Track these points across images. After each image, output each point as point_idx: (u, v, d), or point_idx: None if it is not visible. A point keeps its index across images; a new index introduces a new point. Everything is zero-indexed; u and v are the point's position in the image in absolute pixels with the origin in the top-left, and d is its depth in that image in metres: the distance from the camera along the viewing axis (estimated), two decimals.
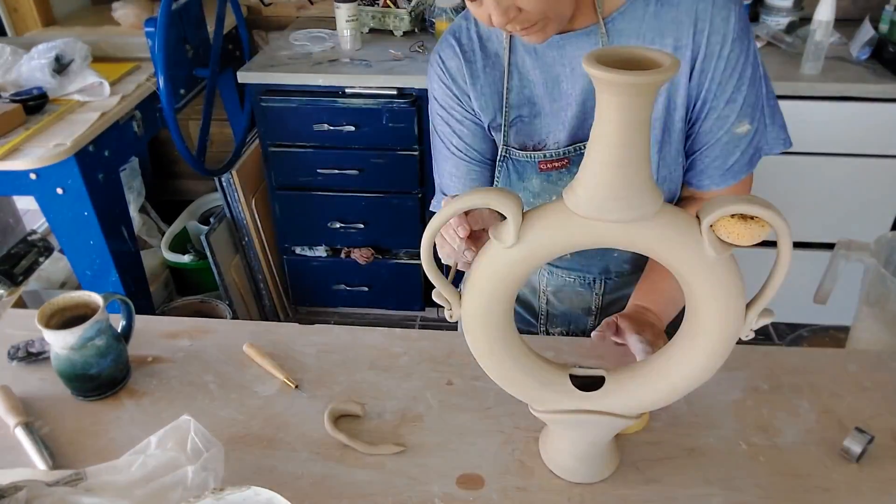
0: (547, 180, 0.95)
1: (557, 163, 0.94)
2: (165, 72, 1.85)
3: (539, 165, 0.94)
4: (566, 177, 0.95)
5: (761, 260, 1.22)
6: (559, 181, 0.95)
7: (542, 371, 0.75)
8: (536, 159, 0.94)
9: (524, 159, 0.95)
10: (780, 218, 0.60)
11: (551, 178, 0.95)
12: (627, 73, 0.55)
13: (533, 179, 0.96)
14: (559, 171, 0.94)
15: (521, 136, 0.95)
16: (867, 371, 0.97)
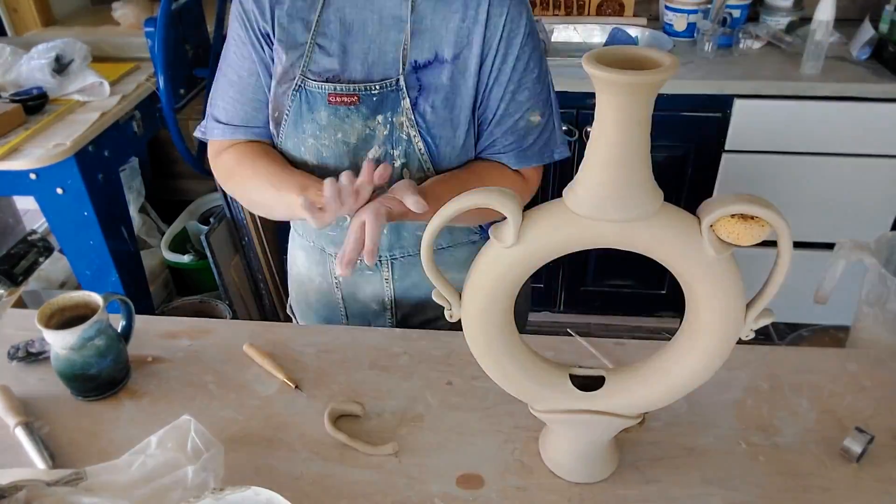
0: (335, 114, 0.98)
1: (347, 98, 0.97)
2: (165, 72, 1.85)
3: (328, 98, 0.98)
4: (354, 114, 0.98)
5: (761, 260, 1.22)
6: (346, 118, 0.98)
7: (542, 371, 0.75)
8: (326, 91, 0.97)
9: (316, 90, 0.98)
10: (780, 218, 0.60)
11: (339, 114, 0.98)
12: (627, 73, 0.55)
13: (321, 111, 0.98)
14: (347, 108, 0.98)
15: (318, 66, 0.99)
16: (867, 371, 0.97)
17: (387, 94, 0.97)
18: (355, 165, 0.99)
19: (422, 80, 0.98)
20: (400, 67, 0.97)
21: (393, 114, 0.98)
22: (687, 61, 2.08)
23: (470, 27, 0.96)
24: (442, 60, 0.97)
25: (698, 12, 2.20)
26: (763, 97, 1.97)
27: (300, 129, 1.00)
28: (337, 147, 1.00)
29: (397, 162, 1.00)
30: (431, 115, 0.98)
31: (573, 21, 2.44)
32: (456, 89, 0.98)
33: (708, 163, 2.10)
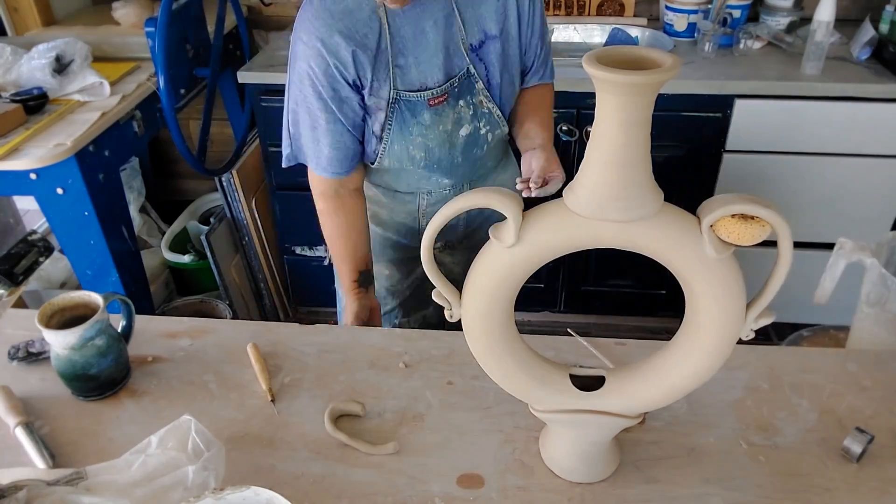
0: (435, 113, 1.15)
1: (441, 98, 1.15)
2: (166, 72, 1.85)
3: (428, 102, 1.14)
4: (447, 109, 1.16)
5: (761, 260, 1.22)
6: (443, 113, 1.16)
7: (542, 371, 0.75)
8: (426, 98, 1.14)
9: (415, 99, 1.14)
10: (780, 218, 0.60)
11: (438, 111, 1.15)
12: (627, 73, 0.55)
13: (424, 114, 1.15)
14: (442, 105, 1.16)
15: (406, 81, 1.13)
16: (867, 371, 0.97)
17: (463, 82, 1.15)
18: (452, 145, 1.20)
19: (483, 59, 1.15)
20: (465, 56, 1.14)
21: (472, 96, 1.17)
22: (687, 61, 2.08)
23: (504, 3, 1.13)
24: (491, 37, 1.14)
25: (699, 12, 2.20)
26: (763, 97, 1.96)
27: (407, 133, 1.17)
28: (439, 136, 1.18)
29: (482, 130, 1.21)
30: (500, 84, 1.18)
31: (573, 21, 2.44)
32: (508, 56, 1.17)
33: (708, 163, 2.10)
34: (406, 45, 1.10)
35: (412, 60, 1.11)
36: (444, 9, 1.09)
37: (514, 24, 1.15)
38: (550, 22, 2.41)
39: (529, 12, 1.16)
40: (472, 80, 1.15)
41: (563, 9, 2.48)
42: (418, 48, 1.11)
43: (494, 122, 1.21)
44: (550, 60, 1.28)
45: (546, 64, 1.26)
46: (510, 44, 1.16)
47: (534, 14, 1.17)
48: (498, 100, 1.19)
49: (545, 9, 2.44)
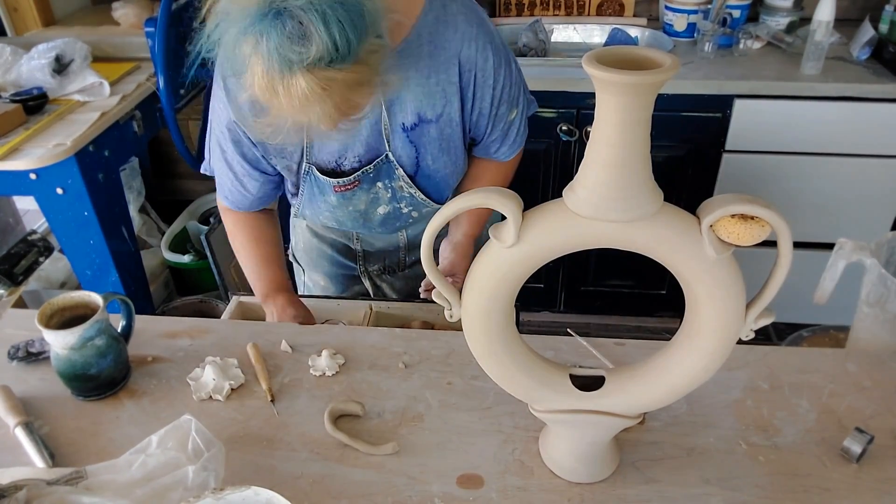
0: (343, 197, 1.12)
1: (349, 186, 1.10)
2: (165, 72, 1.85)
3: (334, 188, 1.11)
4: (358, 193, 1.12)
5: (761, 260, 1.22)
6: (353, 197, 1.13)
7: (542, 371, 0.75)
8: (332, 183, 1.10)
9: (322, 180, 1.10)
10: (780, 218, 0.60)
11: (346, 195, 1.12)
12: (627, 73, 0.55)
13: (331, 196, 1.12)
14: (352, 191, 1.12)
15: (319, 155, 1.08)
16: (867, 371, 0.97)
17: (380, 167, 1.09)
18: (369, 222, 1.18)
19: (415, 141, 1.07)
20: (386, 144, 1.06)
21: (390, 180, 1.11)
22: (687, 61, 2.08)
23: (445, 87, 1.03)
24: (427, 121, 1.05)
25: (698, 12, 2.20)
26: (763, 97, 1.96)
27: (315, 206, 1.15)
28: (351, 214, 1.16)
29: (404, 210, 1.17)
30: (434, 165, 1.11)
31: (573, 21, 2.44)
32: (447, 137, 1.09)
33: (708, 163, 2.10)
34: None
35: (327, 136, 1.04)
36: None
37: (456, 111, 1.05)
38: (550, 22, 2.41)
39: (476, 96, 1.05)
40: (391, 165, 1.08)
41: (563, 9, 2.48)
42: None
43: (419, 203, 1.15)
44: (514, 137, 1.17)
45: (503, 142, 1.15)
46: (452, 128, 1.07)
47: (483, 98, 1.06)
48: (427, 184, 1.13)
49: (545, 10, 2.46)
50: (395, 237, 1.29)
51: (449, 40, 0.99)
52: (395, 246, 1.31)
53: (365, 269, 1.35)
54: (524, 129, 1.19)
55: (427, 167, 1.10)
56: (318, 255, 1.36)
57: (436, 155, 1.09)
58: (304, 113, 0.80)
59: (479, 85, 1.04)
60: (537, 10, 2.48)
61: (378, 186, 1.11)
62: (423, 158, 1.09)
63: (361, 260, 1.34)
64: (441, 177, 1.13)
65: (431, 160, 1.09)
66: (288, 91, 0.77)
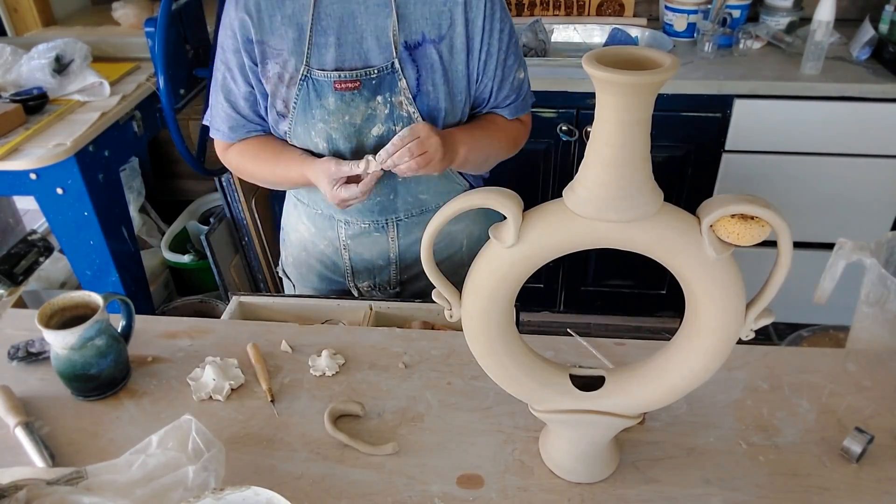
0: (341, 99, 1.08)
1: (350, 83, 1.07)
2: (165, 72, 1.85)
3: (334, 85, 1.07)
4: (357, 98, 1.08)
5: (761, 260, 1.22)
6: (351, 101, 1.08)
7: (542, 371, 0.75)
8: (332, 79, 1.07)
9: (322, 79, 1.07)
10: (780, 218, 0.60)
11: (345, 98, 1.08)
12: (627, 73, 0.55)
13: (329, 98, 1.08)
14: (352, 93, 1.07)
15: (320, 60, 1.07)
16: (867, 371, 0.97)
17: (384, 76, 1.07)
18: (361, 144, 1.11)
19: (417, 61, 1.07)
20: (393, 51, 1.05)
21: (391, 94, 1.08)
22: (687, 61, 2.09)
23: (451, 9, 1.05)
24: (430, 41, 1.06)
25: (698, 12, 2.20)
26: (763, 97, 1.97)
27: (309, 116, 1.09)
28: (344, 128, 1.10)
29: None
30: (434, 93, 1.09)
31: (573, 21, 2.44)
32: (449, 66, 1.08)
33: (708, 163, 2.10)
34: (330, 24, 1.05)
35: (332, 41, 1.05)
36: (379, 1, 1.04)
37: (460, 37, 1.06)
38: (550, 22, 2.41)
39: (485, 30, 1.06)
40: (395, 76, 1.06)
41: (562, 9, 2.48)
42: (342, 30, 1.05)
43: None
44: (525, 97, 1.17)
45: (516, 97, 1.15)
46: (453, 56, 1.07)
47: (492, 34, 1.07)
48: (425, 108, 1.09)
49: (545, 10, 2.46)
50: (386, 246, 1.24)
51: None
52: (386, 260, 1.26)
53: (354, 284, 1.31)
54: (531, 94, 1.21)
55: (427, 94, 1.08)
56: (307, 270, 1.34)
57: (437, 82, 1.08)
58: None
59: (488, 18, 1.07)
60: (537, 10, 2.48)
61: (377, 101, 1.07)
62: (423, 83, 1.07)
63: (350, 276, 1.30)
64: (440, 109, 1.10)
65: (432, 86, 1.08)
66: None
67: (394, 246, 1.24)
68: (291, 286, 1.42)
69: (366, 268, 1.28)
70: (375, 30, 1.05)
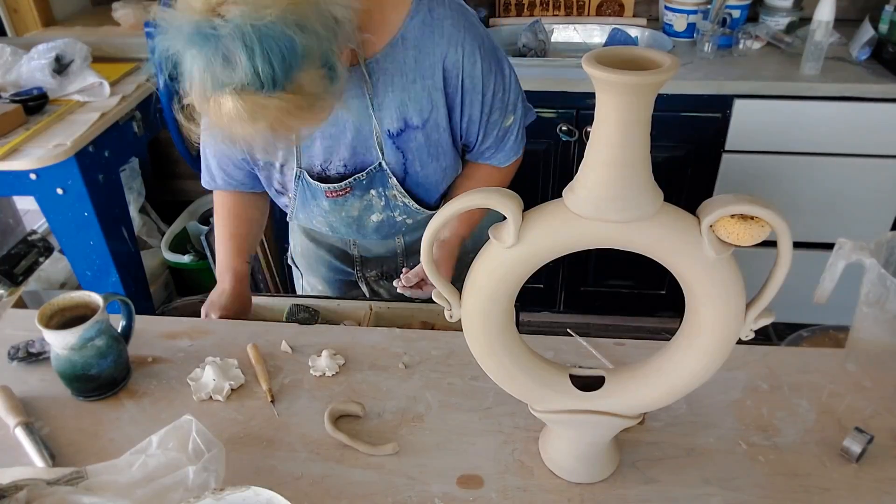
0: (335, 203, 1.12)
1: (341, 192, 1.10)
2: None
3: (325, 194, 1.10)
4: (351, 199, 1.11)
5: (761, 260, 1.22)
6: (345, 204, 1.12)
7: (542, 371, 0.75)
8: (322, 189, 1.10)
9: (314, 185, 1.10)
10: (780, 218, 0.60)
11: (338, 202, 1.12)
12: (627, 73, 0.55)
13: (323, 201, 1.12)
14: (345, 197, 1.11)
15: (310, 158, 1.08)
16: (867, 371, 0.97)
17: (373, 175, 1.08)
18: (363, 227, 1.17)
19: (402, 147, 1.06)
20: (379, 153, 1.06)
21: (384, 188, 1.10)
22: (687, 62, 2.09)
23: (431, 92, 1.02)
24: (413, 126, 1.04)
25: (698, 13, 2.20)
26: (763, 97, 1.97)
27: (309, 210, 1.14)
28: (344, 220, 1.15)
29: (398, 218, 1.16)
30: (422, 171, 1.10)
31: (573, 21, 2.44)
32: (434, 143, 1.08)
33: (708, 163, 2.10)
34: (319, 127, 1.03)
35: (317, 135, 1.05)
36: (357, 89, 1.00)
37: (443, 116, 1.05)
38: (550, 22, 2.42)
39: (466, 104, 1.05)
40: (384, 173, 1.07)
41: (562, 9, 2.48)
42: (329, 127, 1.04)
43: (413, 211, 1.14)
44: (511, 144, 1.16)
45: (498, 149, 1.15)
46: (439, 134, 1.07)
47: (472, 104, 1.05)
48: (415, 189, 1.12)
49: (544, 10, 2.46)
50: (393, 243, 1.28)
51: (435, 45, 0.99)
52: (393, 252, 1.30)
53: (362, 274, 1.34)
54: (522, 138, 1.17)
55: (416, 174, 1.09)
56: (316, 260, 1.36)
57: (424, 161, 1.08)
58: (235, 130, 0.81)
59: (468, 90, 1.04)
60: (537, 11, 2.48)
61: (371, 194, 1.10)
62: (410, 165, 1.08)
63: (359, 265, 1.33)
64: (431, 183, 1.12)
65: (420, 166, 1.09)
66: (218, 108, 0.79)
67: (400, 242, 1.28)
68: (299, 274, 1.43)
69: (374, 257, 1.32)
70: (357, 124, 1.03)
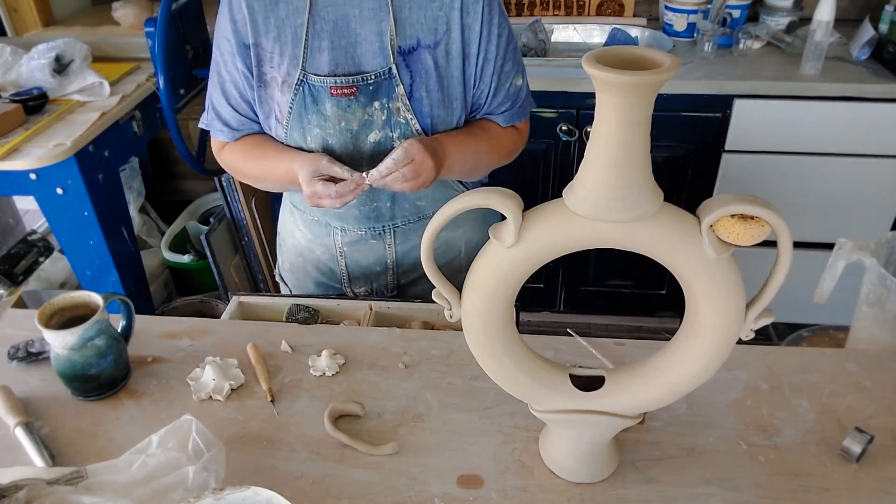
0: (337, 105, 1.06)
1: (346, 89, 1.05)
2: (165, 72, 1.85)
3: (331, 90, 1.05)
4: (354, 104, 1.06)
5: (761, 260, 1.21)
6: (348, 107, 1.06)
7: (542, 371, 0.75)
8: (328, 84, 1.05)
9: (318, 84, 1.05)
10: (780, 218, 0.60)
11: (341, 105, 1.06)
12: (627, 73, 0.55)
13: (325, 104, 1.06)
14: (348, 99, 1.06)
15: (315, 64, 1.05)
16: (867, 371, 0.97)
17: (381, 82, 1.05)
18: (358, 150, 1.09)
19: (411, 67, 1.05)
20: (390, 56, 1.04)
21: (389, 100, 1.06)
22: (687, 61, 2.09)
23: (447, 14, 1.03)
24: (424, 46, 1.04)
25: (698, 12, 2.21)
26: (763, 97, 1.97)
27: (305, 121, 1.08)
28: (341, 135, 1.08)
29: (396, 141, 1.08)
30: (427, 99, 1.07)
31: (573, 21, 2.45)
32: (444, 72, 1.07)
33: (708, 163, 2.10)
34: (324, 27, 1.03)
35: (326, 44, 1.04)
36: (375, 6, 1.02)
37: (456, 42, 1.04)
38: (550, 22, 2.42)
39: (483, 35, 1.05)
40: (392, 82, 1.04)
41: (562, 9, 2.48)
42: (336, 34, 1.03)
43: (412, 134, 1.08)
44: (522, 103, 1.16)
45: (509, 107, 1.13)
46: (448, 62, 1.06)
47: (489, 39, 1.06)
48: (424, 115, 1.07)
49: (545, 10, 2.46)
50: (383, 253, 1.23)
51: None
52: (384, 265, 1.25)
53: (352, 290, 1.30)
54: (530, 101, 1.18)
55: (420, 99, 1.06)
56: (304, 276, 1.33)
57: (430, 88, 1.06)
58: None
59: (486, 23, 1.05)
60: (537, 10, 2.48)
61: (374, 107, 1.06)
62: (417, 88, 1.06)
63: (346, 281, 1.29)
64: (432, 117, 1.08)
65: (425, 92, 1.06)
66: None
67: (391, 252, 1.23)
68: (288, 290, 1.41)
69: (363, 274, 1.27)
70: (370, 34, 1.03)
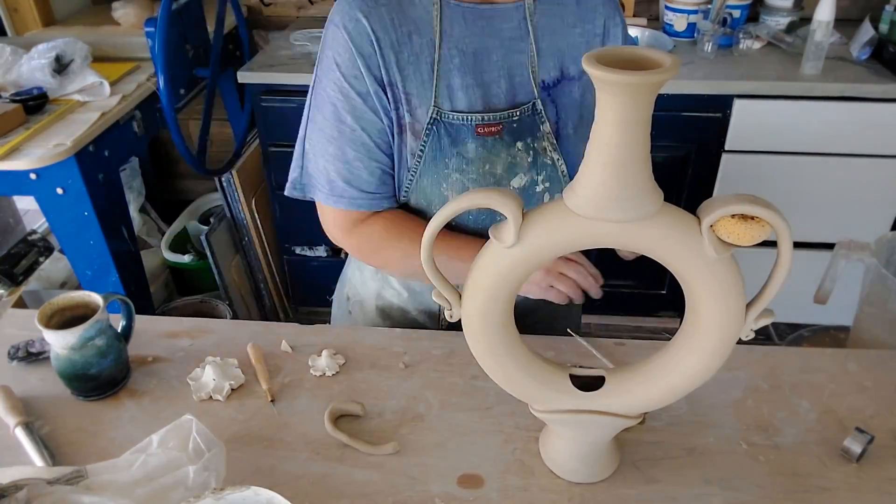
0: (482, 146, 0.94)
1: (493, 127, 0.93)
2: (165, 72, 1.85)
3: (476, 129, 0.93)
4: (499, 144, 0.94)
5: (761, 260, 1.21)
6: (493, 148, 0.94)
7: (542, 371, 0.75)
8: (474, 122, 0.93)
9: (459, 122, 0.93)
10: (780, 218, 0.60)
11: (486, 145, 0.94)
12: (627, 73, 0.55)
13: (468, 144, 0.94)
14: (494, 138, 0.94)
15: (452, 101, 0.93)
16: (867, 371, 0.97)
17: (525, 119, 0.95)
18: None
19: (556, 101, 0.96)
20: (534, 90, 0.95)
21: (533, 139, 0.96)
22: (687, 61, 2.08)
23: (590, 40, 0.97)
24: (569, 77, 0.96)
25: (698, 12, 2.20)
26: (763, 97, 1.97)
27: (442, 166, 0.95)
28: (484, 179, 0.96)
29: (540, 187, 0.98)
30: (574, 136, 0.98)
31: None
32: (588, 108, 0.97)
33: (708, 163, 2.10)
34: (464, 61, 0.92)
35: (461, 82, 0.92)
36: (516, 29, 0.92)
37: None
38: None
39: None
40: (537, 118, 0.94)
41: None
42: (478, 70, 0.93)
43: (557, 178, 0.98)
44: None
45: None
46: (590, 91, 0.96)
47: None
48: (568, 153, 0.98)
49: None
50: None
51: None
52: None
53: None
54: None
55: (567, 137, 0.97)
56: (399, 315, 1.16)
57: (576, 123, 0.97)
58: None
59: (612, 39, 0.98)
60: None
61: (518, 147, 0.95)
62: (563, 126, 0.96)
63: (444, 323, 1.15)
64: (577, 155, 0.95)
65: (572, 129, 0.97)
66: None
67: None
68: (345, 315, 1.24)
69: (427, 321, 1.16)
70: (513, 66, 0.93)
